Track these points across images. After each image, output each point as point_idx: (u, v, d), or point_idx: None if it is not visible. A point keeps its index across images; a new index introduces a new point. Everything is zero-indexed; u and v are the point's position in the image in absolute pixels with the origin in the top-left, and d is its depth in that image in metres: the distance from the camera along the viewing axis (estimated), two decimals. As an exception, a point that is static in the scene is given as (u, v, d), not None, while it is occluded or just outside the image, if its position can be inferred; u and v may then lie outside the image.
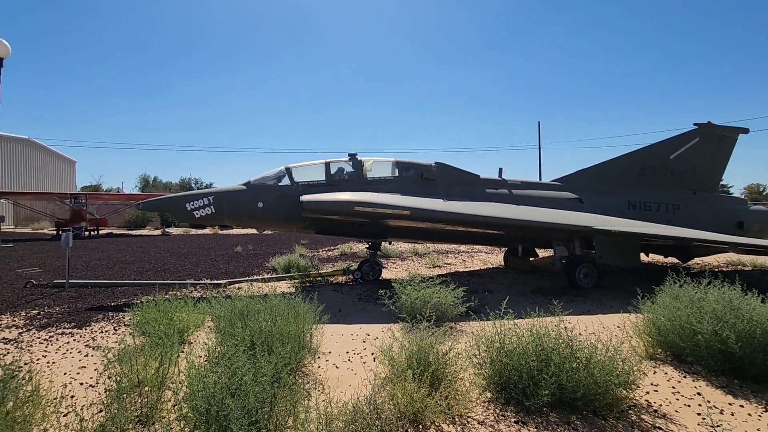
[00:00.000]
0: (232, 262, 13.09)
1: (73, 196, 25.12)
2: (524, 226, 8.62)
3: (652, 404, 3.59)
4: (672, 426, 3.25)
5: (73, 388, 3.90)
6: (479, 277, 10.31)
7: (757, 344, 3.74)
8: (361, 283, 9.42)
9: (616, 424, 3.26)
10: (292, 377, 3.44)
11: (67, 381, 4.06)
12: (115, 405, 2.92)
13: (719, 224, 10.25)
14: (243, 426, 2.61)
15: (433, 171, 9.73)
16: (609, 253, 8.42)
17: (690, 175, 10.95)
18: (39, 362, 4.59)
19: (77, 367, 4.46)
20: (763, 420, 3.33)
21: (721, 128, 11.01)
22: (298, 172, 9.13)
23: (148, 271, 11.28)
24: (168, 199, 9.35)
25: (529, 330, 3.76)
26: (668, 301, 4.39)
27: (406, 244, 15.30)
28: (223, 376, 3.01)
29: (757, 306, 3.90)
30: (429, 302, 5.60)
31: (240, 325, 4.10)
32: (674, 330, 4.21)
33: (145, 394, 3.40)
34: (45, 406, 3.18)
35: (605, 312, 6.74)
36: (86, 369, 4.39)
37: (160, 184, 60.87)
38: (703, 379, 4.05)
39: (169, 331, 4.10)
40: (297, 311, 4.58)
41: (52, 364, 4.54)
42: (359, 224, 8.93)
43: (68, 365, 4.51)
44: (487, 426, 3.24)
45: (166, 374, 3.64)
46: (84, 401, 3.61)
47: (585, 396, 3.31)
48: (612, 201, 10.23)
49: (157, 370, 3.61)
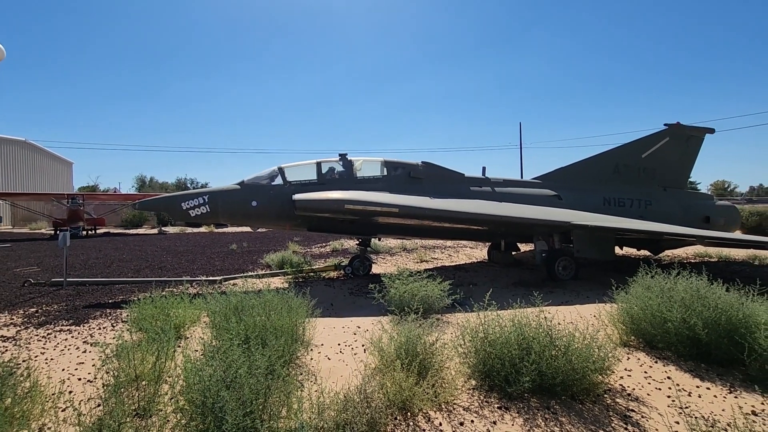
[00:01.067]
0: (227, 259, 13.16)
1: (71, 197, 25.21)
2: (507, 222, 8.92)
3: (626, 388, 3.82)
4: (644, 408, 3.48)
5: (71, 384, 4.01)
6: (464, 270, 10.58)
7: (722, 330, 3.99)
8: (351, 278, 9.60)
9: (592, 407, 3.48)
10: (286, 369, 3.59)
11: (65, 377, 4.16)
12: (113, 399, 3.04)
13: (688, 219, 10.75)
14: (238, 417, 2.75)
15: (420, 170, 9.97)
16: (586, 247, 8.78)
17: (661, 173, 11.42)
18: (37, 359, 4.67)
19: (75, 363, 4.56)
20: (727, 401, 3.58)
21: (689, 128, 11.49)
22: (290, 172, 9.28)
23: (145, 269, 11.32)
24: (164, 199, 9.44)
25: (511, 320, 3.96)
26: (640, 292, 4.64)
27: (395, 240, 15.52)
28: (218, 370, 3.15)
29: (722, 295, 4.15)
30: (417, 295, 5.79)
31: (235, 320, 4.24)
32: (646, 318, 4.46)
33: (143, 388, 3.52)
34: (43, 402, 3.29)
35: (582, 302, 7.01)
36: (84, 365, 4.50)
37: (156, 184, 60.64)
38: (672, 363, 4.31)
39: (166, 327, 4.22)
40: (290, 306, 4.73)
41: (50, 361, 4.63)
42: (350, 221, 9.10)
43: (66, 361, 4.61)
44: (472, 412, 3.43)
45: (162, 368, 3.77)
46: (82, 396, 3.72)
47: (564, 382, 3.52)
48: (589, 197, 10.61)
49: (154, 365, 3.73)
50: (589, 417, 3.32)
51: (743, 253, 11.93)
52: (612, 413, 3.38)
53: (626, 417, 3.31)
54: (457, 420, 3.29)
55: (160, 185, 60.42)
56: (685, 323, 4.11)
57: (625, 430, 3.13)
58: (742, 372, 4.01)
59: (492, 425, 3.22)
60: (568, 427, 3.17)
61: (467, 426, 3.21)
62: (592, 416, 3.33)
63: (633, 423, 3.23)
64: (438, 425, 3.23)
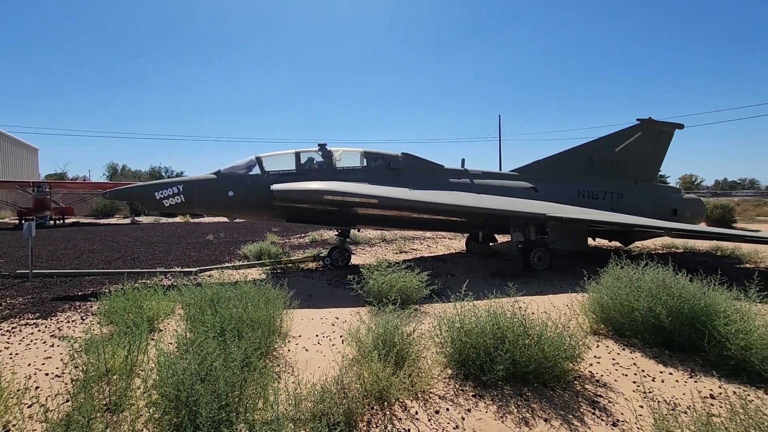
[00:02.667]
0: (203, 250, 12.90)
1: (36, 185, 24.14)
2: (484, 214, 9.07)
3: (595, 375, 3.97)
4: (611, 394, 3.63)
5: (38, 380, 3.88)
6: (443, 261, 10.70)
7: (684, 318, 4.18)
8: (330, 269, 9.58)
9: (563, 394, 3.60)
10: (263, 361, 3.57)
11: (31, 372, 4.02)
12: (82, 394, 2.96)
13: (657, 211, 11.18)
14: (213, 410, 2.72)
15: (400, 161, 9.98)
16: (560, 238, 9.01)
17: (632, 167, 11.81)
18: (1, 354, 4.50)
19: (42, 358, 4.40)
20: (688, 385, 3.77)
21: (659, 123, 11.88)
22: (268, 162, 9.13)
23: (116, 260, 10.98)
24: (136, 188, 9.16)
25: (486, 310, 4.03)
26: (610, 282, 4.80)
27: (375, 231, 15.54)
28: (192, 362, 3.10)
29: (685, 285, 4.34)
30: (395, 286, 5.83)
31: (210, 312, 4.18)
32: (615, 307, 4.62)
33: (114, 383, 3.43)
34: (7, 398, 3.18)
35: (556, 292, 7.22)
36: (51, 360, 4.35)
37: (129, 172, 59.02)
38: (639, 350, 4.49)
39: (138, 320, 4.12)
40: (267, 297, 4.69)
41: (15, 356, 4.46)
42: (329, 212, 9.05)
43: (32, 356, 4.44)
44: (448, 400, 3.50)
45: (134, 362, 3.69)
46: (49, 392, 3.59)
47: (536, 370, 3.63)
48: (564, 190, 10.87)
49: (125, 359, 3.65)
50: (560, 403, 3.44)
51: (707, 244, 12.48)
52: (581, 399, 3.51)
53: (594, 402, 3.45)
54: (433, 408, 3.35)
55: (133, 174, 58.74)
56: (651, 312, 4.29)
57: (593, 415, 3.26)
58: (703, 358, 4.21)
59: (466, 413, 3.30)
60: (539, 413, 3.27)
61: (443, 414, 3.28)
62: (563, 402, 3.45)
63: (600, 408, 3.36)
64: (414, 414, 3.28)
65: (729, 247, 11.49)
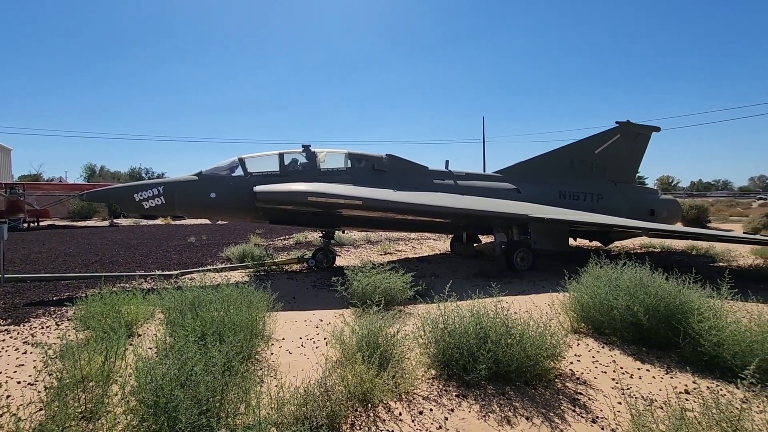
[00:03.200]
0: (184, 252, 12.67)
1: (9, 186, 23.43)
2: (468, 215, 9.15)
3: (575, 373, 4.04)
4: (591, 391, 3.70)
5: (9, 388, 3.74)
6: (427, 262, 10.76)
7: (660, 316, 4.30)
8: (315, 271, 9.52)
9: (544, 392, 3.66)
10: (245, 365, 3.52)
11: (2, 380, 3.88)
12: (56, 402, 2.87)
13: (635, 212, 11.49)
14: (193, 415, 2.68)
15: (385, 162, 10.01)
16: (542, 239, 9.15)
17: (612, 168, 12.11)
18: (-32, 363, 4.33)
19: (14, 365, 4.25)
20: (664, 381, 3.87)
21: (637, 126, 12.21)
22: (251, 163, 9.05)
23: (94, 263, 10.68)
24: (115, 190, 8.95)
25: (470, 311, 4.07)
26: (590, 281, 4.90)
27: (359, 233, 15.51)
28: (172, 368, 3.04)
29: (662, 283, 4.46)
30: (379, 287, 5.83)
31: (190, 316, 4.10)
32: (595, 306, 4.72)
33: (90, 390, 3.34)
34: (-23, 408, 3.06)
35: (538, 292, 7.32)
36: (24, 367, 4.20)
37: (107, 173, 57.79)
38: (618, 348, 4.59)
39: (116, 325, 4.02)
40: (250, 300, 4.63)
41: (-17, 365, 4.30)
42: (313, 214, 9.01)
43: (3, 364, 4.28)
44: (431, 401, 3.51)
45: (112, 368, 3.59)
46: (21, 400, 3.48)
47: (518, 368, 3.67)
48: (546, 191, 11.07)
49: (102, 365, 3.55)
50: (541, 401, 3.49)
51: (683, 243, 12.84)
52: (562, 397, 3.57)
53: (575, 400, 3.51)
54: (417, 409, 3.36)
55: (112, 175, 57.52)
56: (629, 310, 4.39)
57: (573, 412, 3.32)
58: (678, 354, 4.33)
59: (450, 413, 3.32)
60: (521, 412, 3.31)
61: (426, 414, 3.29)
62: (544, 400, 3.50)
63: (580, 405, 3.42)
64: (398, 415, 3.28)
65: (704, 247, 11.85)
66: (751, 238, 9.56)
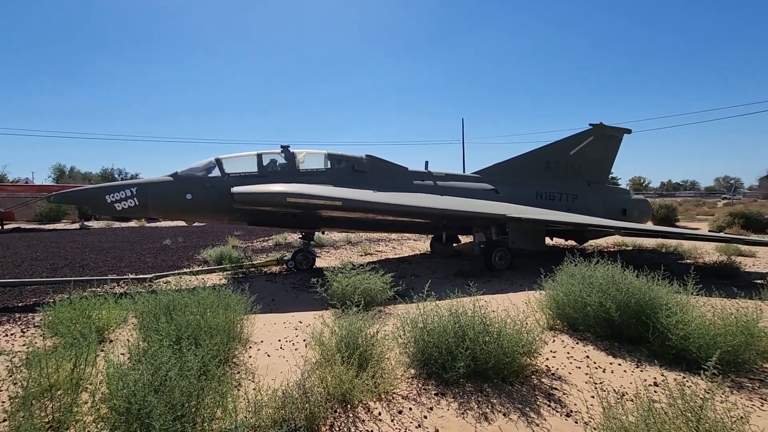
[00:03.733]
0: (159, 255, 12.34)
1: None
2: (448, 215, 9.24)
3: (551, 369, 4.13)
4: (565, 386, 3.79)
5: (-29, 399, 3.57)
6: (407, 263, 10.81)
7: (631, 312, 4.45)
8: (294, 273, 9.44)
9: (520, 388, 3.73)
10: (221, 369, 3.46)
11: (-37, 392, 3.70)
12: (22, 413, 2.76)
13: (608, 211, 11.85)
14: (167, 421, 2.61)
15: (364, 163, 10.01)
16: (520, 238, 9.33)
17: (586, 169, 12.46)
18: (-75, 374, 4.10)
19: (-25, 376, 4.06)
20: (635, 375, 4.00)
21: (610, 128, 12.60)
22: (228, 164, 8.90)
23: (63, 267, 10.27)
24: (85, 191, 8.62)
25: (448, 310, 4.11)
26: (565, 279, 5.03)
27: (340, 234, 15.46)
28: (145, 373, 2.96)
29: (632, 280, 4.62)
30: (359, 288, 5.82)
31: (165, 320, 4.00)
32: (569, 303, 4.85)
33: (58, 398, 3.22)
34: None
35: (515, 290, 7.46)
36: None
37: (78, 174, 55.91)
38: (591, 344, 4.73)
39: (86, 331, 3.89)
40: (227, 303, 4.56)
41: (-58, 375, 4.08)
42: (292, 215, 8.94)
43: (-37, 375, 4.08)
44: (411, 400, 3.53)
45: (81, 375, 3.48)
46: (-16, 412, 3.33)
47: (496, 366, 3.73)
48: (523, 191, 11.30)
49: (71, 372, 3.43)
50: (518, 397, 3.56)
51: (653, 242, 13.32)
52: (538, 392, 3.65)
53: (550, 395, 3.59)
54: (396, 408, 3.37)
55: (83, 176, 55.68)
56: (602, 306, 4.52)
57: (549, 407, 3.39)
58: (648, 348, 4.48)
59: (429, 411, 3.35)
60: (498, 408, 3.37)
61: (405, 414, 3.31)
62: (521, 396, 3.57)
63: (555, 400, 3.51)
64: (377, 415, 3.29)
65: (672, 244, 12.32)
66: (715, 237, 10.00)
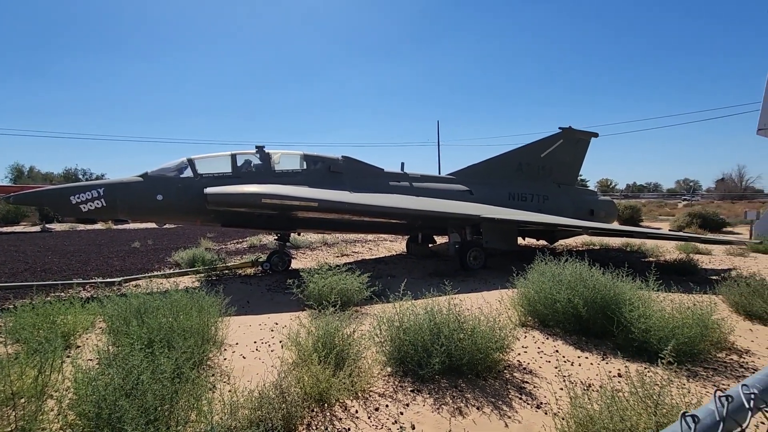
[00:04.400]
0: (128, 258, 11.92)
1: None
2: (423, 216, 9.36)
3: (522, 363, 4.28)
4: (536, 379, 3.94)
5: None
6: (384, 263, 10.88)
7: (597, 307, 4.66)
8: (270, 275, 9.33)
9: (494, 383, 3.84)
10: (195, 371, 3.42)
11: None
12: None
13: (577, 212, 12.30)
14: (140, 426, 2.57)
15: (340, 164, 10.01)
16: (493, 238, 9.57)
17: (556, 171, 12.91)
18: None
19: (-73, 386, 3.83)
20: (600, 367, 4.19)
21: (578, 132, 13.11)
22: (201, 164, 8.71)
23: (24, 272, 9.78)
24: (48, 192, 8.24)
25: (424, 308, 4.19)
26: (536, 277, 5.21)
27: (316, 235, 15.38)
28: (116, 377, 2.90)
29: (599, 277, 4.84)
30: (335, 289, 5.84)
31: (136, 323, 3.91)
32: (540, 300, 5.03)
33: (21, 407, 3.10)
34: None
35: (489, 289, 7.65)
36: (-60, 387, 3.80)
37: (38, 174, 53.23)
38: (561, 339, 4.92)
39: (51, 336, 3.74)
40: (201, 305, 4.48)
41: None
42: (267, 216, 8.84)
43: None
44: (387, 397, 3.59)
45: (47, 382, 3.35)
46: (-61, 423, 3.16)
47: (470, 362, 3.83)
48: (496, 192, 11.58)
49: (35, 379, 3.30)
50: (491, 391, 3.67)
51: (619, 241, 13.90)
52: (510, 386, 3.77)
53: (521, 388, 3.72)
54: (373, 406, 3.42)
55: (43, 176, 53.06)
56: (570, 302, 4.72)
57: (520, 400, 3.52)
58: (613, 342, 4.70)
59: (405, 407, 3.41)
60: (472, 402, 3.47)
61: (382, 411, 3.36)
62: (493, 390, 3.69)
63: (526, 393, 3.64)
64: (354, 413, 3.32)
65: (636, 243, 12.90)
66: (675, 235, 10.54)
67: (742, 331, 5.19)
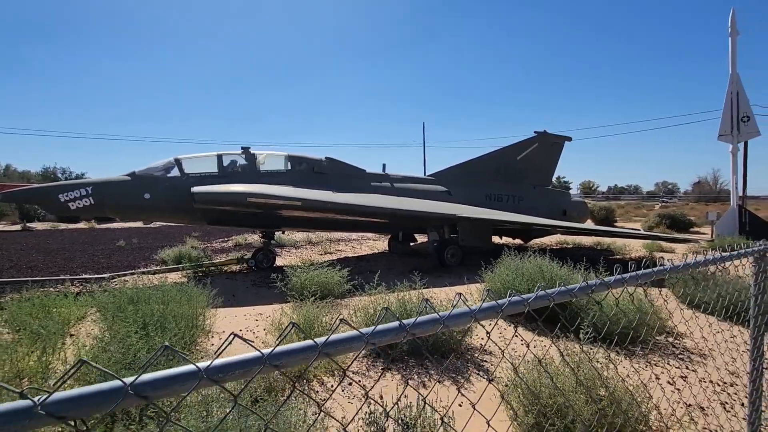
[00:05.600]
0: (114, 256, 12.09)
1: None
2: (403, 215, 9.81)
3: (484, 346, 4.75)
4: (494, 359, 4.42)
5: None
6: (366, 260, 11.32)
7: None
8: (255, 271, 9.66)
9: (456, 362, 4.30)
10: (186, 351, 3.78)
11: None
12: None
13: (551, 212, 12.90)
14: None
15: (324, 165, 10.41)
16: (469, 237, 10.08)
17: (532, 173, 13.51)
18: None
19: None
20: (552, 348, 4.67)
21: (553, 136, 13.74)
22: (188, 164, 9.01)
23: (9, 269, 9.92)
24: (36, 190, 8.49)
25: (396, 299, 4.64)
26: (502, 270, 5.70)
27: (301, 234, 15.72)
28: (115, 354, 3.25)
29: (556, 269, 5.35)
30: (315, 280, 6.23)
31: (131, 309, 4.25)
32: (504, 291, 5.51)
33: (26, 384, 3.42)
34: None
35: (463, 284, 8.11)
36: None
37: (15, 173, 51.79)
38: (521, 325, 5.42)
39: (49, 323, 4.06)
40: (190, 295, 4.83)
41: None
42: (253, 215, 9.16)
43: None
44: (360, 374, 4.02)
45: (48, 363, 3.67)
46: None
47: (434, 344, 4.29)
48: (474, 193, 12.12)
49: (39, 359, 3.62)
50: (452, 368, 4.13)
51: (591, 240, 14.57)
52: (470, 364, 4.24)
53: (480, 366, 4.20)
54: (347, 381, 3.84)
55: (20, 174, 51.83)
56: (529, 292, 5.20)
57: (477, 375, 3.99)
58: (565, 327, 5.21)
59: (375, 382, 3.82)
60: (436, 377, 3.92)
61: (354, 385, 3.78)
62: (455, 368, 4.15)
63: (484, 370, 4.11)
64: (330, 387, 3.74)
65: (608, 242, 13.57)
66: (640, 234, 11.21)
67: (684, 319, 5.75)
